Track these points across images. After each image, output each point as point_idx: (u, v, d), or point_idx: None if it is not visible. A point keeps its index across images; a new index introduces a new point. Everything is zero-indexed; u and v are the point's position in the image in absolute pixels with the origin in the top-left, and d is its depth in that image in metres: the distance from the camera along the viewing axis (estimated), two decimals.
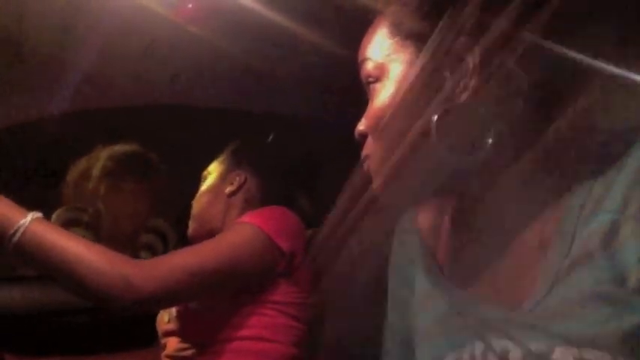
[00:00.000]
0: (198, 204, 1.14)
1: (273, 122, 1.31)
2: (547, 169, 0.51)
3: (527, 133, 0.52)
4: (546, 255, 0.48)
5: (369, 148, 0.58)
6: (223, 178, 1.13)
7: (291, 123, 1.30)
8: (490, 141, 0.50)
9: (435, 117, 0.50)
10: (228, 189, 1.11)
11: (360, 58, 0.59)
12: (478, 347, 0.50)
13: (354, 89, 0.66)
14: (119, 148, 1.70)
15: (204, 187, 1.15)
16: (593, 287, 0.44)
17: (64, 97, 1.18)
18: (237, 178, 1.11)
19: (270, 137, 1.23)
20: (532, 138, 0.52)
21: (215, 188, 1.12)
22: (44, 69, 1.08)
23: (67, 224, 1.68)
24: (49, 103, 1.20)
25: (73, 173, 1.71)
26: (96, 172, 1.67)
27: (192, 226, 1.13)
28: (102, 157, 1.69)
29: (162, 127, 1.57)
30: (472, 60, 0.50)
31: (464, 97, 0.50)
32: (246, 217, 0.96)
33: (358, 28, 0.70)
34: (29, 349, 1.21)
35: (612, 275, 0.44)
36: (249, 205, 1.10)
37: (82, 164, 1.71)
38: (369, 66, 0.57)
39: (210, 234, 1.07)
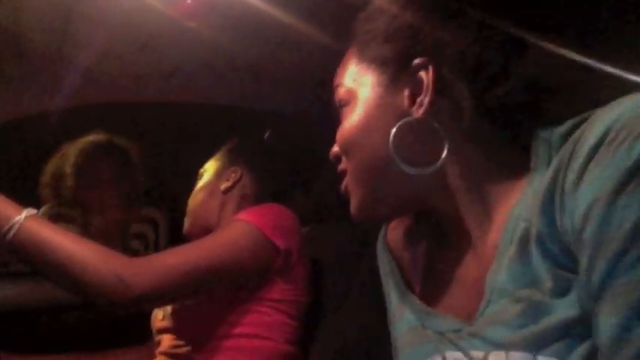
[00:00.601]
0: (194, 201, 1.13)
1: (271, 119, 1.31)
2: (497, 180, 0.55)
3: (479, 145, 0.55)
4: (491, 265, 0.51)
5: (343, 164, 0.63)
6: (219, 175, 1.13)
7: (288, 119, 1.30)
8: (444, 154, 0.54)
9: (393, 132, 0.55)
10: (224, 185, 1.10)
11: (334, 84, 0.63)
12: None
13: None
14: (86, 140, 1.67)
15: (200, 184, 1.14)
16: (514, 292, 0.47)
17: (61, 93, 1.18)
18: (233, 175, 1.11)
19: (267, 134, 1.22)
20: (487, 147, 0.55)
21: (210, 185, 1.12)
22: (42, 65, 1.08)
23: (54, 221, 1.66)
24: (47, 99, 1.19)
25: (45, 175, 1.69)
26: (69, 169, 1.65)
27: (187, 223, 1.13)
28: (71, 153, 1.66)
29: (160, 124, 1.56)
30: (427, 78, 0.54)
31: (420, 112, 0.54)
32: (242, 215, 0.96)
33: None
34: (21, 347, 1.20)
35: (528, 281, 0.47)
36: (244, 201, 1.09)
37: (52, 164, 1.69)
38: (341, 91, 0.62)
39: (205, 230, 1.07)
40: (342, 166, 0.63)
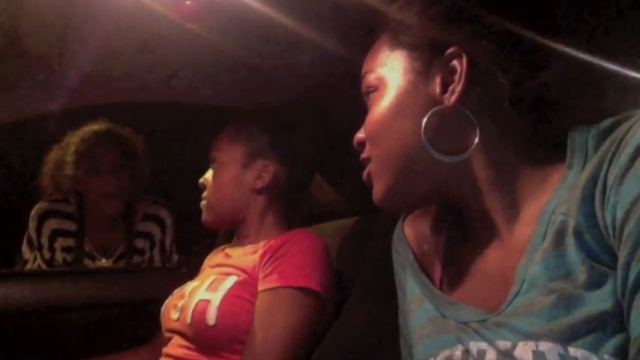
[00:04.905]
0: (218, 194, 1.08)
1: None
2: (526, 174, 0.55)
3: (510, 137, 0.56)
4: (521, 258, 0.52)
5: (367, 151, 0.62)
6: (245, 166, 1.08)
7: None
8: (476, 141, 0.54)
9: (424, 120, 0.55)
10: (257, 184, 1.07)
11: (362, 72, 0.63)
12: (459, 350, 0.54)
13: (352, 86, 0.66)
14: (88, 128, 1.66)
15: (224, 173, 1.08)
16: (547, 284, 0.48)
17: (61, 93, 1.17)
18: (265, 172, 1.07)
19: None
20: (516, 140, 0.56)
21: (236, 178, 1.08)
22: (42, 65, 1.07)
23: (48, 216, 1.65)
24: (47, 100, 1.19)
25: (48, 164, 1.68)
26: (70, 157, 1.64)
27: (210, 215, 1.09)
28: (73, 141, 1.65)
29: (160, 124, 1.56)
30: (460, 66, 0.54)
31: (452, 100, 0.54)
32: (293, 277, 0.94)
33: (356, 25, 0.70)
34: (24, 348, 1.20)
35: (562, 273, 0.47)
36: (274, 197, 1.08)
37: (54, 153, 1.68)
38: (370, 77, 0.61)
39: (229, 223, 1.09)
40: (365, 154, 0.63)
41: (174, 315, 1.01)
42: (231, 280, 0.98)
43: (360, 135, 0.64)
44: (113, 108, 1.33)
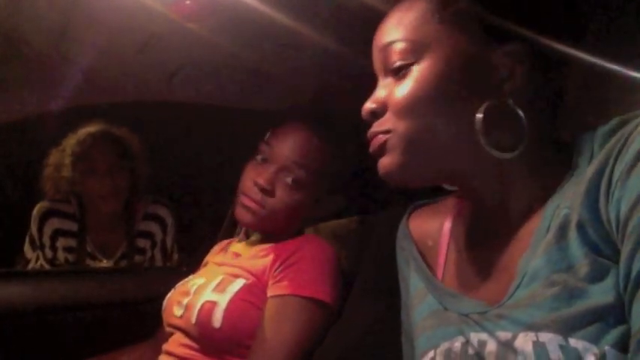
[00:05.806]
0: (286, 212, 1.03)
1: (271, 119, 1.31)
2: (543, 173, 0.56)
3: (539, 136, 0.56)
4: (524, 252, 0.52)
5: (388, 123, 0.58)
6: (317, 201, 1.07)
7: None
8: (525, 142, 0.53)
9: (479, 115, 0.53)
10: (314, 214, 1.09)
11: (388, 39, 0.58)
12: (459, 341, 0.55)
13: (354, 86, 0.66)
14: (84, 130, 1.67)
15: (299, 197, 1.03)
16: (549, 277, 0.48)
17: (61, 93, 1.17)
18: (328, 210, 1.10)
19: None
20: (542, 140, 0.56)
21: (307, 208, 1.06)
22: (41, 65, 1.07)
23: (49, 216, 1.66)
24: (47, 100, 1.19)
25: (48, 167, 1.69)
26: (67, 160, 1.65)
27: (258, 221, 1.03)
28: (70, 143, 1.67)
29: (160, 124, 1.56)
30: (523, 65, 0.54)
31: (508, 94, 0.54)
32: (305, 287, 0.94)
33: (359, 25, 0.70)
34: (24, 347, 1.20)
35: (564, 266, 0.48)
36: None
37: (54, 156, 1.70)
38: (405, 47, 0.56)
39: (265, 232, 1.08)
40: (384, 126, 0.58)
41: (178, 312, 1.00)
42: (239, 283, 0.98)
43: (373, 105, 0.59)
44: (113, 108, 1.33)
